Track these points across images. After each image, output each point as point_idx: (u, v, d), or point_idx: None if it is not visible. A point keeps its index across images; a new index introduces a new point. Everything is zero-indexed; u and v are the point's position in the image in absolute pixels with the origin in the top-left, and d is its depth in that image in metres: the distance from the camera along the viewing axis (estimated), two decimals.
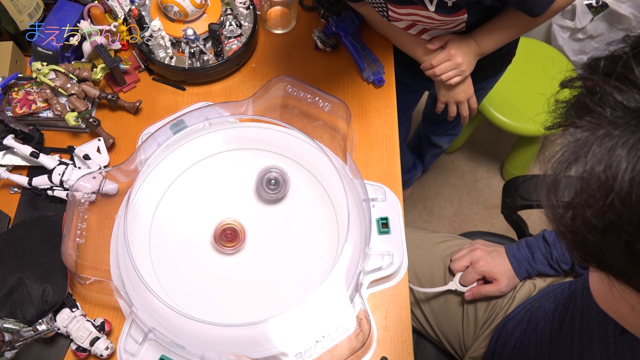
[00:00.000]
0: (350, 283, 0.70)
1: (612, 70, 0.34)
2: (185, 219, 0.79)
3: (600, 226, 0.33)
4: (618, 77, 0.34)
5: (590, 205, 0.33)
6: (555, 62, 1.58)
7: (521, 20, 0.85)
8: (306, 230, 0.78)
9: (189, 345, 0.66)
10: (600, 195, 0.32)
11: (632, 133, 0.32)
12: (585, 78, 0.36)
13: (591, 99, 0.34)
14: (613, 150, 0.32)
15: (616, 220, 0.32)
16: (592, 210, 0.33)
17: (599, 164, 0.32)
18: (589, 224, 0.33)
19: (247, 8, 0.93)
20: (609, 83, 0.34)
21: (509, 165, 1.78)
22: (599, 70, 0.35)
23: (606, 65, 0.35)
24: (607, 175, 0.32)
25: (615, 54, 0.35)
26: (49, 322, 0.69)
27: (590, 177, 0.33)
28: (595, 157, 0.33)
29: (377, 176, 0.84)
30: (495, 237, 1.10)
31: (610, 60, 0.35)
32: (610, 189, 0.32)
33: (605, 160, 0.32)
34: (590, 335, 0.62)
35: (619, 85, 0.33)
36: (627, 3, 1.56)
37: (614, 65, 0.34)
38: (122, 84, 0.91)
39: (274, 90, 0.84)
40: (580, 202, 0.34)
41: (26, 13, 0.89)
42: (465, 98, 0.95)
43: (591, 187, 0.33)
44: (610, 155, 0.32)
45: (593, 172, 0.33)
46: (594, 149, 0.33)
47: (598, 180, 0.32)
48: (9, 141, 0.80)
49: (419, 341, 1.01)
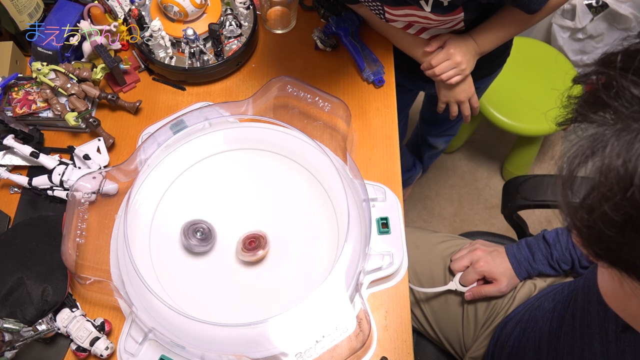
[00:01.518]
0: (350, 283, 0.70)
1: (629, 65, 0.34)
2: (185, 219, 0.79)
3: (618, 221, 0.32)
4: (635, 71, 0.33)
5: (608, 199, 0.32)
6: (555, 62, 1.59)
7: (518, 18, 0.85)
8: (306, 230, 0.78)
9: (189, 345, 0.66)
10: (618, 189, 0.32)
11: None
12: (601, 73, 0.36)
13: (607, 94, 0.34)
14: (632, 144, 0.32)
15: (635, 214, 0.31)
16: (610, 205, 0.32)
17: (617, 158, 0.32)
18: (606, 219, 0.33)
19: (247, 8, 0.93)
20: (626, 77, 0.33)
21: (509, 165, 1.78)
22: (615, 65, 0.35)
23: (623, 60, 0.34)
24: (626, 169, 0.31)
25: (631, 48, 0.35)
26: (49, 322, 0.69)
27: (609, 171, 0.32)
28: (614, 151, 0.32)
29: (377, 176, 0.84)
30: (495, 237, 1.10)
31: (626, 54, 0.35)
32: (630, 182, 0.31)
33: (623, 154, 0.32)
34: (591, 334, 0.62)
35: (636, 79, 0.33)
36: (627, 3, 1.56)
37: (631, 59, 0.34)
38: (122, 84, 0.91)
39: (274, 90, 0.84)
40: (598, 197, 0.33)
41: (26, 13, 0.89)
42: (466, 97, 0.95)
43: (609, 180, 0.32)
44: (629, 149, 0.32)
45: (611, 166, 0.32)
46: (612, 143, 0.32)
47: (617, 174, 0.32)
48: (9, 141, 0.80)
49: (419, 341, 1.01)
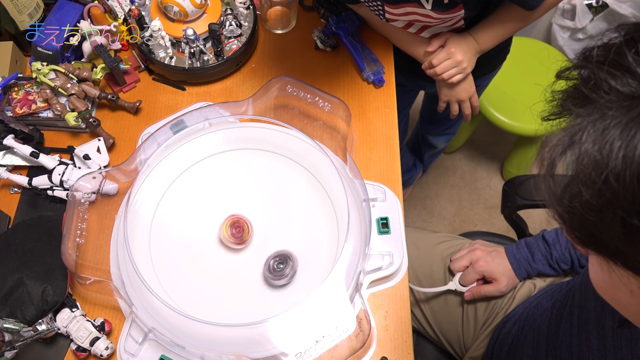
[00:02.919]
0: (350, 283, 0.70)
1: (606, 57, 0.35)
2: (185, 219, 0.79)
3: (596, 205, 0.34)
4: (611, 63, 0.34)
5: (587, 185, 0.34)
6: (555, 62, 1.58)
7: (517, 15, 0.85)
8: (306, 230, 0.78)
9: (189, 345, 0.66)
10: (595, 174, 0.33)
11: (624, 114, 0.32)
12: (580, 67, 0.37)
13: (587, 87, 0.35)
14: (607, 130, 0.33)
15: (612, 197, 0.33)
16: (589, 190, 0.34)
17: (593, 145, 0.33)
18: (586, 204, 0.34)
19: (247, 8, 0.93)
20: (603, 69, 0.35)
21: (509, 165, 1.78)
22: (593, 59, 0.36)
23: (599, 53, 0.36)
24: (601, 155, 0.33)
25: (608, 42, 0.36)
26: (49, 322, 0.69)
27: (586, 158, 0.34)
28: (590, 138, 0.33)
29: (377, 176, 0.84)
30: (495, 237, 1.10)
31: (603, 48, 0.36)
32: (605, 167, 0.32)
33: (599, 141, 0.33)
34: (588, 330, 0.62)
35: (612, 70, 0.34)
36: (627, 3, 1.56)
37: (607, 52, 0.35)
38: (122, 84, 0.91)
39: (274, 90, 0.84)
40: (577, 183, 0.34)
41: (26, 13, 0.89)
42: (467, 96, 0.95)
43: (587, 167, 0.34)
44: (604, 136, 0.33)
45: (588, 153, 0.33)
46: (588, 130, 0.34)
47: (593, 161, 0.33)
48: (9, 141, 0.80)
49: (419, 341, 1.01)
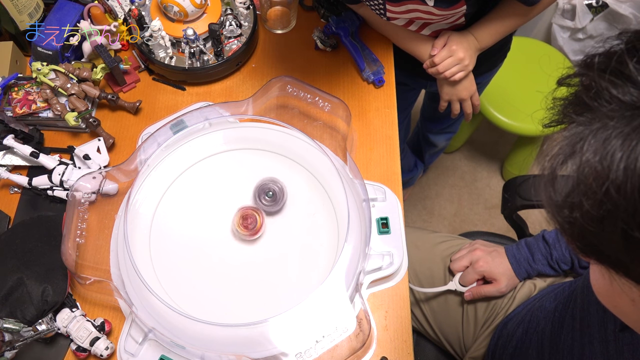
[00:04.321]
0: (350, 283, 0.70)
1: (607, 66, 0.35)
2: (185, 219, 0.79)
3: (597, 216, 0.33)
4: (612, 71, 0.34)
5: (588, 195, 0.33)
6: (555, 62, 1.59)
7: (517, 11, 0.85)
8: (306, 230, 0.78)
9: (189, 345, 0.66)
10: (596, 185, 0.33)
11: (626, 124, 0.32)
12: (582, 75, 0.37)
13: (588, 95, 0.35)
14: (608, 141, 0.32)
15: (613, 209, 0.32)
16: (590, 201, 0.33)
17: (594, 155, 0.33)
18: (586, 215, 0.34)
19: (247, 8, 0.93)
20: (604, 78, 0.34)
21: (509, 165, 1.78)
22: (594, 67, 0.35)
23: (601, 61, 0.35)
24: (602, 166, 0.32)
25: (610, 50, 0.36)
26: (49, 322, 0.69)
27: (586, 168, 0.33)
28: (591, 148, 0.33)
29: (377, 176, 0.84)
30: (495, 237, 1.10)
31: (605, 56, 0.36)
32: (606, 178, 0.32)
33: (600, 151, 0.33)
34: (591, 334, 0.62)
35: (613, 79, 0.34)
36: (627, 3, 1.56)
37: (608, 60, 0.35)
38: (122, 84, 0.91)
39: (274, 90, 0.84)
40: (578, 194, 0.34)
41: (26, 13, 0.89)
42: (468, 95, 0.96)
43: (588, 178, 0.33)
44: (605, 146, 0.32)
45: (589, 163, 0.33)
46: (590, 141, 0.33)
47: (594, 171, 0.33)
48: (9, 141, 0.80)
49: (419, 341, 1.01)
